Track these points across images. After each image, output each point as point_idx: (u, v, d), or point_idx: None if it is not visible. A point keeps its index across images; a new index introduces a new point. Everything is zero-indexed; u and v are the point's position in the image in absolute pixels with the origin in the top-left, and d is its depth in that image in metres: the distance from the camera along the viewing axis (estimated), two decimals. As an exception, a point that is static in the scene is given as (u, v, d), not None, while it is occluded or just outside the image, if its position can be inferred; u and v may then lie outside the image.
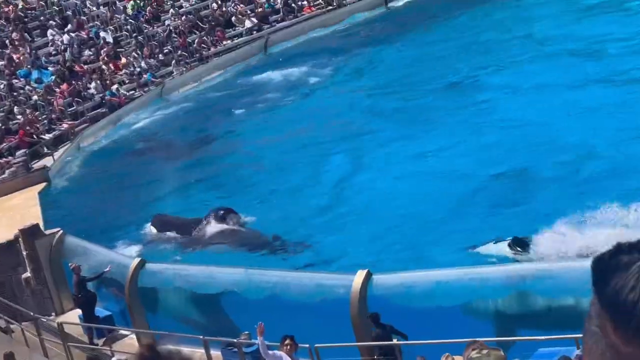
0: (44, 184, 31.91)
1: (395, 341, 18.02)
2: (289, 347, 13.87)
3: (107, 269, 22.95)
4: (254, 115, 38.02)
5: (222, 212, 27.57)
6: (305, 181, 30.18)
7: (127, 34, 45.32)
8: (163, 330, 21.27)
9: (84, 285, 23.26)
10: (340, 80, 40.22)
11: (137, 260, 22.75)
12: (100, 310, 23.98)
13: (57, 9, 45.91)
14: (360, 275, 18.36)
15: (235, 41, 46.29)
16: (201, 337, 19.49)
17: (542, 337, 16.20)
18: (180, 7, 48.02)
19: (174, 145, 36.44)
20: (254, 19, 47.34)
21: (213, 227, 27.24)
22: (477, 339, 11.63)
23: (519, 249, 21.76)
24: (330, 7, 49.11)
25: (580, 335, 2.89)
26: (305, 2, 49.33)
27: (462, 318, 18.23)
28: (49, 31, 44.01)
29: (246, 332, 19.16)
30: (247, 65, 44.61)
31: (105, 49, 43.08)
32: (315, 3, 49.53)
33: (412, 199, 26.60)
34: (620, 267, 2.72)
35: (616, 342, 2.47)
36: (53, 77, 40.30)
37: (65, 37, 43.59)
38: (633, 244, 2.77)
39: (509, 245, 21.85)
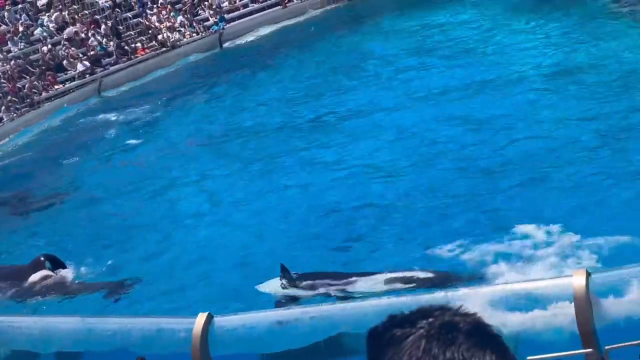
0: None
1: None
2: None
3: None
4: (87, 161, 37.41)
5: (43, 258, 26.89)
6: (140, 226, 29.87)
7: (-46, 80, 44.08)
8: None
9: None
10: (175, 122, 39.92)
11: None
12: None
13: None
14: (202, 317, 18.11)
15: (68, 85, 45.49)
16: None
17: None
18: (9, 51, 46.93)
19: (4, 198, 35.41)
20: (87, 62, 46.63)
21: (37, 274, 26.51)
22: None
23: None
24: (164, 49, 48.83)
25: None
26: (139, 44, 48.93)
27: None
28: None
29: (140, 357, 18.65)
30: (81, 109, 43.88)
31: None
32: (149, 45, 49.16)
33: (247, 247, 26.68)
34: (394, 341, 2.67)
35: None
36: None
37: None
38: (405, 317, 2.74)
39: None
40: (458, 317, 2.76)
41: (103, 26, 49.31)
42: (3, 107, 42.52)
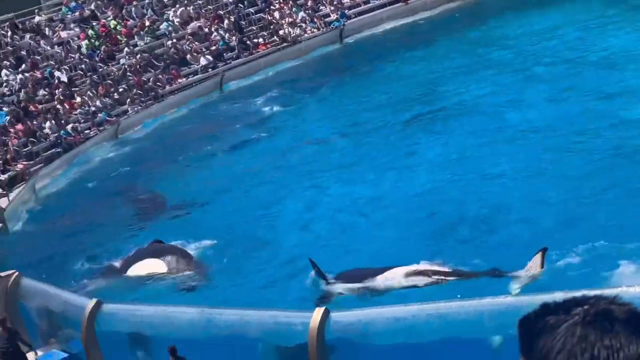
0: (-1, 225, 31.73)
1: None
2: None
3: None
4: (208, 153, 38.05)
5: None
6: (267, 216, 30.26)
7: (82, 73, 45.23)
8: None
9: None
10: (298, 115, 40.37)
11: (93, 301, 22.59)
12: (57, 353, 23.79)
13: (10, 49, 45.77)
14: (319, 312, 18.37)
15: (191, 79, 46.34)
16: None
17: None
18: (135, 45, 48.02)
19: (129, 185, 36.24)
20: (209, 57, 47.44)
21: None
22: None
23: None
24: (285, 44, 49.37)
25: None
26: (260, 40, 49.59)
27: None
28: (3, 71, 43.82)
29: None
30: (203, 103, 44.66)
31: (59, 89, 42.99)
32: (270, 40, 49.77)
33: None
34: (547, 328, 2.69)
35: None
36: (7, 118, 40.07)
37: (19, 77, 43.43)
38: (559, 303, 2.74)
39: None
40: (614, 305, 2.77)
41: (226, 21, 50.09)
42: (128, 100, 43.53)
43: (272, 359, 19.88)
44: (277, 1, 51.89)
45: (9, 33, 47.01)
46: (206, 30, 49.66)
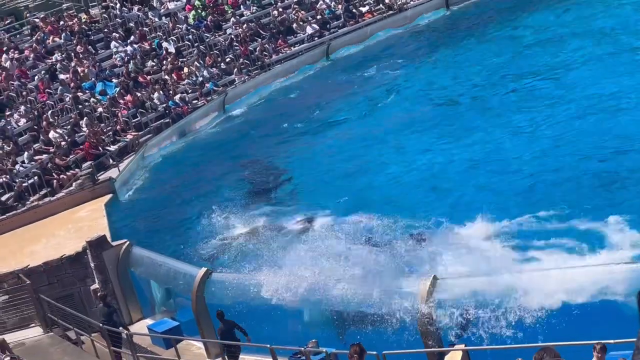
0: (110, 196, 32.11)
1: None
2: (356, 357, 13.47)
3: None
4: (317, 121, 38.05)
5: None
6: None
7: (189, 43, 45.55)
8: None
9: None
10: (406, 83, 40.13)
11: (203, 270, 22.79)
12: (167, 321, 24.08)
13: (119, 21, 46.31)
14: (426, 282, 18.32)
15: (296, 48, 46.30)
16: (268, 345, 19.43)
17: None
18: (241, 15, 48.17)
19: (238, 154, 36.45)
20: (315, 25, 47.33)
21: None
22: (548, 345, 11.45)
23: None
24: (391, 12, 49.02)
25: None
26: (366, 8, 49.31)
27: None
28: (112, 43, 44.38)
29: (313, 340, 19.09)
30: (309, 72, 44.60)
31: (167, 59, 43.36)
32: (376, 8, 49.46)
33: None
34: None
35: None
36: (117, 89, 40.58)
37: (129, 49, 43.94)
38: None
39: None
40: None
41: (332, -11, 49.99)
42: (235, 70, 43.68)
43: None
44: (382, -32, 51.47)
45: (118, 5, 47.57)
46: (312, -2, 49.67)
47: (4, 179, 33.50)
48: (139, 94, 40.25)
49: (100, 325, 22.74)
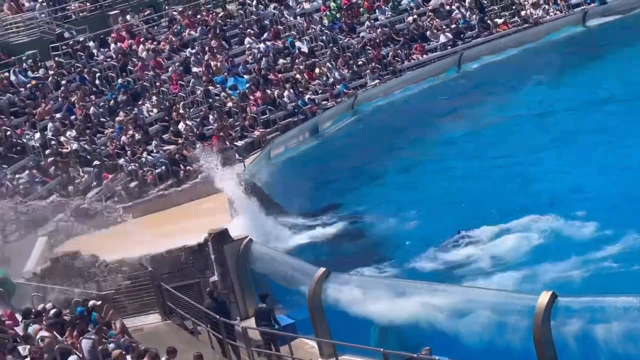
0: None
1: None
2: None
3: None
4: (440, 130, 37.96)
5: None
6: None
7: (322, 44, 45.72)
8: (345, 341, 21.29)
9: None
10: (536, 99, 39.66)
11: (321, 270, 22.78)
12: (283, 318, 24.15)
13: (255, 18, 46.73)
14: (545, 295, 18.03)
15: (428, 56, 46.07)
16: (381, 350, 19.32)
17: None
18: (376, 19, 48.18)
19: (363, 156, 36.44)
20: (449, 34, 47.06)
21: None
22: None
23: None
24: (527, 25, 48.46)
25: None
26: (502, 20, 48.83)
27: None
28: (246, 39, 44.81)
29: (427, 348, 18.92)
30: (441, 80, 44.30)
31: (300, 59, 43.59)
32: (511, 20, 48.96)
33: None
34: None
35: None
36: (248, 85, 40.95)
37: (262, 46, 44.30)
38: None
39: None
40: None
41: (468, 0, 49.59)
42: (368, 72, 43.70)
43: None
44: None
45: (254, 2, 48.03)
46: (447, 7, 49.31)
47: (133, 167, 34.09)
48: (269, 91, 40.56)
49: (217, 317, 22.95)
